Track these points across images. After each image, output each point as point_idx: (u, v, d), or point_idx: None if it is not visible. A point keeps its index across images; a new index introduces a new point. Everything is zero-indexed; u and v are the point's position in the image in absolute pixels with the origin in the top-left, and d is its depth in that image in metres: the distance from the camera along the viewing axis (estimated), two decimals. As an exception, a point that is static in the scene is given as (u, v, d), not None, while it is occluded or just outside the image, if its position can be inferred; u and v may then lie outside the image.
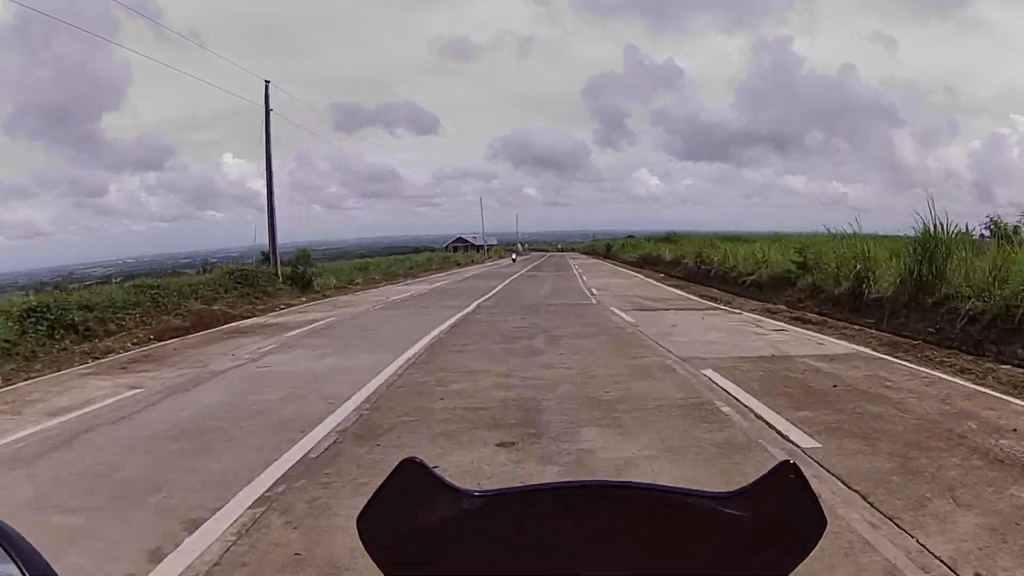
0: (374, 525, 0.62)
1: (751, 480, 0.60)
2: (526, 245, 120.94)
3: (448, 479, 0.61)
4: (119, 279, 21.82)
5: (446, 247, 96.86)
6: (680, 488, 0.62)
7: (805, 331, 11.67)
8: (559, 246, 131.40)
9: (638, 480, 0.63)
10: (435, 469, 0.60)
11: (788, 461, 0.62)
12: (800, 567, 0.64)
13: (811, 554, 0.63)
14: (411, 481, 0.61)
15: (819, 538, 0.61)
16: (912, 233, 11.97)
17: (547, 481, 0.61)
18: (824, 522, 0.61)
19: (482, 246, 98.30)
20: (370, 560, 0.63)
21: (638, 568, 0.60)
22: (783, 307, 14.92)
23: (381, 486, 0.61)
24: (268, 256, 24.79)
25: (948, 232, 11.47)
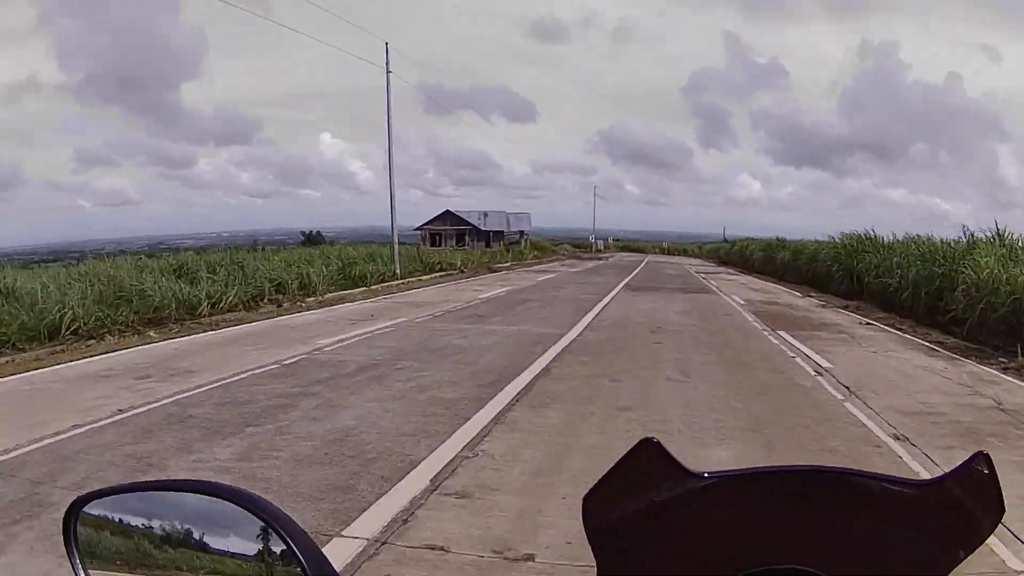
0: (601, 503, 0.68)
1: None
2: (608, 241, 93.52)
3: (681, 461, 0.68)
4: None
5: (419, 228, 55.17)
6: (887, 475, 0.68)
7: None
8: (665, 245, 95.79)
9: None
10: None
11: (982, 452, 0.68)
12: None
13: None
14: (645, 460, 0.67)
15: (995, 527, 0.68)
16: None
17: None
18: (1002, 511, 0.67)
19: (495, 233, 56.07)
20: None
21: (842, 555, 0.68)
22: None
23: (615, 466, 0.67)
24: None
25: None
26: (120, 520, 0.78)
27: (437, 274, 29.59)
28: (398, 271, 26.22)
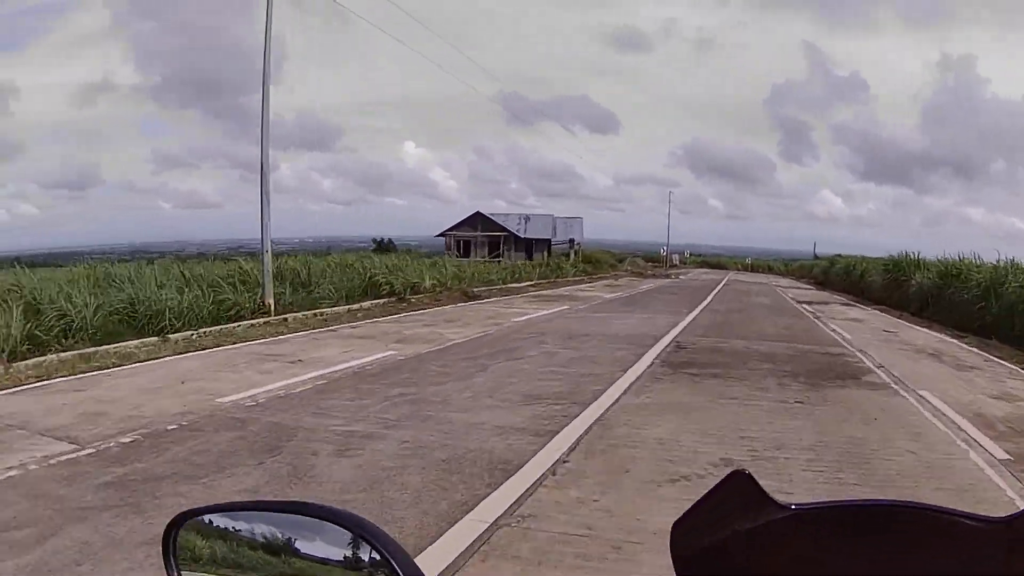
0: (689, 532, 0.68)
1: None
2: (685, 255, 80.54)
3: (770, 494, 0.67)
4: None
5: (443, 234, 44.10)
6: (965, 512, 0.67)
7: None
8: (748, 261, 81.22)
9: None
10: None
11: None
12: None
13: None
14: (735, 492, 0.66)
15: None
16: None
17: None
18: None
19: (539, 242, 45.54)
20: None
21: None
22: None
23: (706, 496, 0.66)
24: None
25: None
26: (219, 537, 0.80)
27: (375, 302, 17.76)
28: (269, 302, 14.61)
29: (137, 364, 9.06)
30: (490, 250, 45.74)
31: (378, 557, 0.70)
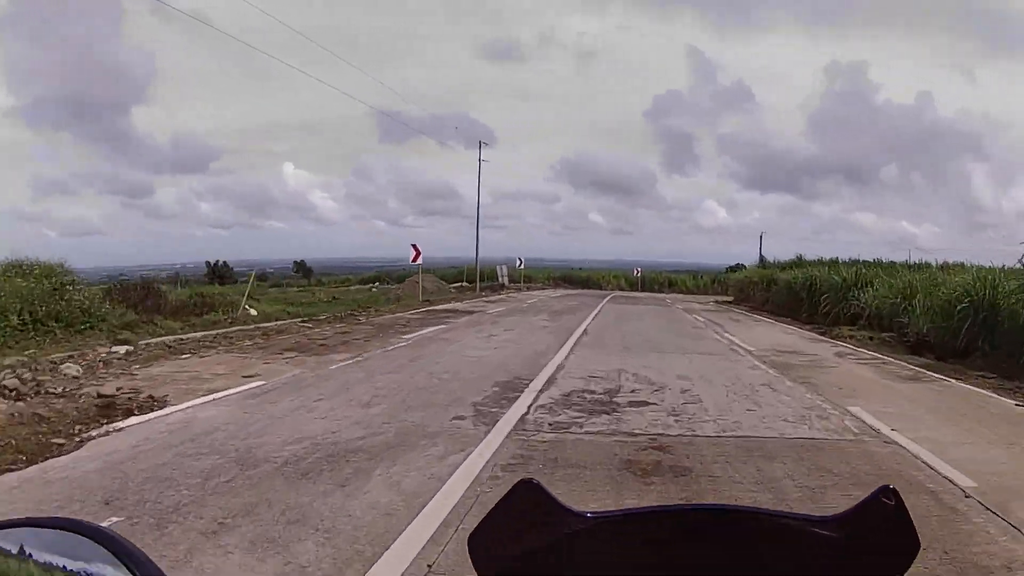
0: (486, 544, 0.65)
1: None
2: (519, 267, 47.76)
3: (563, 501, 0.64)
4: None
5: None
6: (785, 512, 0.66)
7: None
8: (637, 274, 52.85)
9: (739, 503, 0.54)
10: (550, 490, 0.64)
11: (888, 486, 0.66)
12: None
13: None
14: (527, 501, 0.65)
15: (912, 560, 0.66)
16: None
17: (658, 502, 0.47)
18: (918, 545, 0.66)
19: None
20: None
21: None
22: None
23: (496, 506, 0.65)
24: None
25: None
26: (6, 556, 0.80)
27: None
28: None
29: None
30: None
31: (126, 565, 0.71)
